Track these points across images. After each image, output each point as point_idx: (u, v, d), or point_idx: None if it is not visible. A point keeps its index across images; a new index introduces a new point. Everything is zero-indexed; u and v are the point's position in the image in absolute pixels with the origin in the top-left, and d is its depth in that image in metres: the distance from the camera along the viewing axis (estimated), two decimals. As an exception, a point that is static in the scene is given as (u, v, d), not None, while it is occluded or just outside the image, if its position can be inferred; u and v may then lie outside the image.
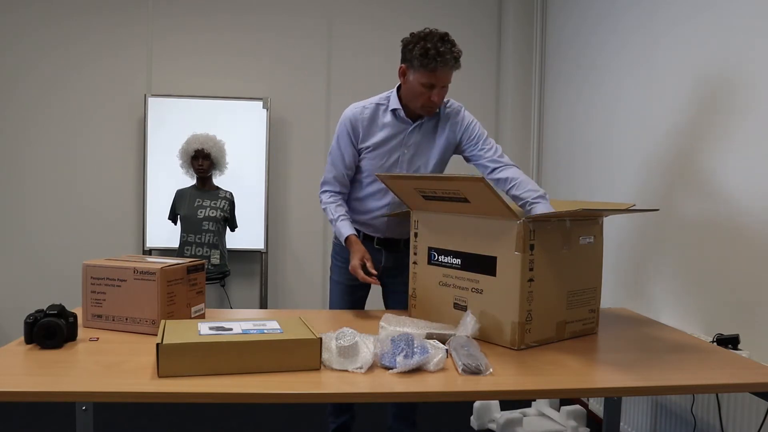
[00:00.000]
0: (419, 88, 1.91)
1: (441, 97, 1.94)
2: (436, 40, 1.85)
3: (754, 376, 1.34)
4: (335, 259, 2.24)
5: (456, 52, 1.88)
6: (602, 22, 3.13)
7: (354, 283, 2.19)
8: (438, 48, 1.84)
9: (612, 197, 2.96)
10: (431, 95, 1.91)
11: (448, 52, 1.85)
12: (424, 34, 1.88)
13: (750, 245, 2.04)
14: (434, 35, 1.87)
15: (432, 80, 1.89)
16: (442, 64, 1.85)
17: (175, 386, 1.18)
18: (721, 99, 2.21)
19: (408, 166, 2.07)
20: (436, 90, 1.91)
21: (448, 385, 1.24)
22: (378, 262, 2.17)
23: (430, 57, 1.84)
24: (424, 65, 1.86)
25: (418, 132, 2.06)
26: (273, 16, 3.92)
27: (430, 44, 1.84)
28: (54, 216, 3.83)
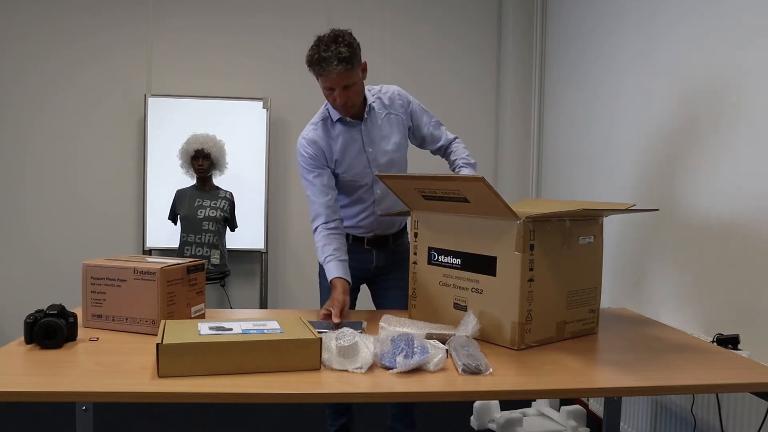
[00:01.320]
0: (325, 92, 1.93)
1: (346, 97, 1.91)
2: (321, 45, 1.83)
3: (754, 376, 1.34)
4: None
5: (341, 53, 1.82)
6: (602, 22, 3.13)
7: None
8: (321, 53, 1.82)
9: (612, 197, 2.96)
10: (334, 97, 1.92)
11: (332, 56, 1.81)
12: (317, 39, 1.87)
13: (750, 245, 2.04)
14: (322, 40, 1.85)
15: (327, 84, 1.89)
16: (325, 68, 1.83)
17: (175, 386, 1.18)
18: (721, 99, 2.20)
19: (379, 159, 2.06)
20: (336, 92, 1.90)
21: (448, 385, 1.24)
22: (369, 263, 2.19)
23: (314, 63, 1.84)
24: (315, 72, 1.87)
25: (369, 127, 2.05)
26: (273, 16, 3.92)
27: (313, 51, 1.84)
28: (54, 216, 3.83)
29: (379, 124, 2.07)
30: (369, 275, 2.22)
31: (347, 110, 1.98)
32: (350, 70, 1.86)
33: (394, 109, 2.10)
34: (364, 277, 2.23)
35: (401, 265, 2.19)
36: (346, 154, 2.05)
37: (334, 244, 1.99)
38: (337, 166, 2.05)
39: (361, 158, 2.05)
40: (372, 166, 2.06)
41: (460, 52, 4.04)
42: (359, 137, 2.05)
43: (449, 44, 4.02)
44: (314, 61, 1.84)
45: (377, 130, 2.07)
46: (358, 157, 2.05)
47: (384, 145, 2.07)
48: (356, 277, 2.20)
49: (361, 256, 2.17)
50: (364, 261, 2.18)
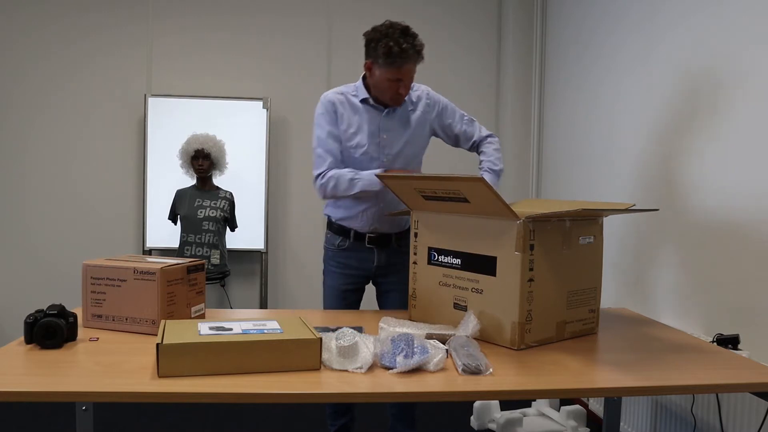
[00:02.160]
0: (386, 83, 1.99)
1: (407, 89, 2.02)
2: (398, 36, 1.90)
3: (754, 376, 1.34)
4: (328, 264, 2.24)
5: (418, 45, 1.94)
6: (602, 22, 3.13)
7: (348, 288, 2.20)
8: (401, 45, 1.89)
9: (612, 197, 2.96)
10: (398, 88, 1.99)
11: (410, 47, 1.91)
12: (386, 30, 1.93)
13: (750, 245, 2.04)
14: (395, 30, 1.92)
15: (398, 75, 1.96)
16: (405, 60, 1.91)
17: (175, 386, 1.18)
18: (720, 99, 2.20)
19: (390, 149, 2.10)
20: (403, 83, 1.98)
21: (448, 385, 1.24)
22: (371, 263, 2.18)
23: (394, 54, 1.90)
24: (389, 63, 1.93)
25: (392, 117, 2.10)
26: (273, 16, 3.92)
27: (392, 42, 1.90)
28: (54, 216, 3.83)
29: (400, 116, 2.12)
30: (370, 275, 2.21)
31: (402, 100, 2.05)
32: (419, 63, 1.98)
33: (419, 108, 2.15)
34: (365, 277, 2.22)
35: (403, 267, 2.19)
36: (360, 131, 2.08)
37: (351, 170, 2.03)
38: (350, 139, 2.08)
39: (374, 141, 2.08)
40: (383, 153, 2.09)
41: (460, 52, 4.04)
42: (378, 121, 2.09)
43: (449, 44, 4.02)
44: (395, 53, 1.90)
45: (397, 121, 2.11)
46: (371, 139, 2.08)
47: (399, 136, 2.10)
48: (358, 277, 2.21)
49: (362, 255, 2.17)
50: (365, 260, 2.18)
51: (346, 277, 2.19)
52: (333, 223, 2.22)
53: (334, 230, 2.21)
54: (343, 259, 2.19)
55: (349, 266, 2.19)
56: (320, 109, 2.12)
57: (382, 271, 2.19)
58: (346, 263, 2.19)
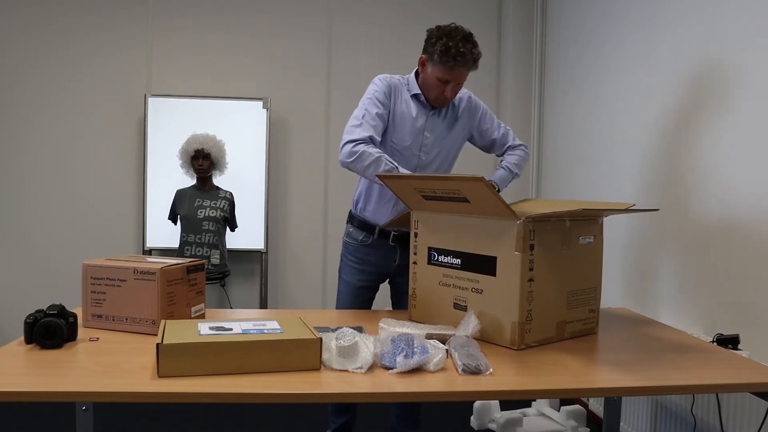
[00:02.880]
0: (435, 81, 1.97)
1: (455, 93, 2.00)
2: (459, 39, 1.89)
3: (754, 376, 1.34)
4: (346, 258, 2.22)
5: (476, 54, 1.93)
6: (602, 22, 3.13)
7: (363, 284, 2.19)
8: (459, 48, 1.88)
9: (612, 197, 2.96)
10: (445, 90, 1.97)
11: (469, 53, 1.90)
12: (449, 30, 1.92)
13: (750, 245, 2.04)
14: (458, 33, 1.91)
15: (448, 77, 1.94)
16: (461, 64, 1.90)
17: (175, 386, 1.18)
18: (720, 99, 2.20)
19: (429, 149, 2.09)
20: (450, 86, 1.97)
21: (448, 385, 1.24)
22: (392, 261, 2.17)
23: (451, 55, 1.88)
24: (443, 62, 1.91)
25: (438, 118, 2.10)
26: (273, 16, 3.92)
27: (452, 42, 1.88)
28: (54, 216, 3.83)
29: (445, 119, 2.12)
30: (389, 273, 2.20)
31: (447, 103, 2.05)
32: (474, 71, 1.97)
33: (462, 113, 2.15)
34: (384, 274, 2.21)
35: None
36: (404, 124, 2.06)
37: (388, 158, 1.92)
38: (392, 130, 2.06)
39: (417, 138, 2.07)
40: (423, 151, 2.08)
41: (460, 52, 4.03)
42: (425, 120, 2.08)
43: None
44: (451, 54, 1.88)
45: (441, 123, 2.11)
46: (414, 135, 2.07)
47: (441, 138, 2.10)
48: (376, 274, 2.19)
49: (385, 253, 2.15)
50: (388, 258, 2.16)
51: (364, 273, 2.18)
52: (355, 217, 2.20)
53: (356, 225, 2.19)
54: (364, 255, 2.17)
55: (368, 263, 2.17)
56: (377, 85, 2.05)
57: (402, 270, 2.15)
58: (366, 259, 2.17)
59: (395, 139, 2.06)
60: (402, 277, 2.17)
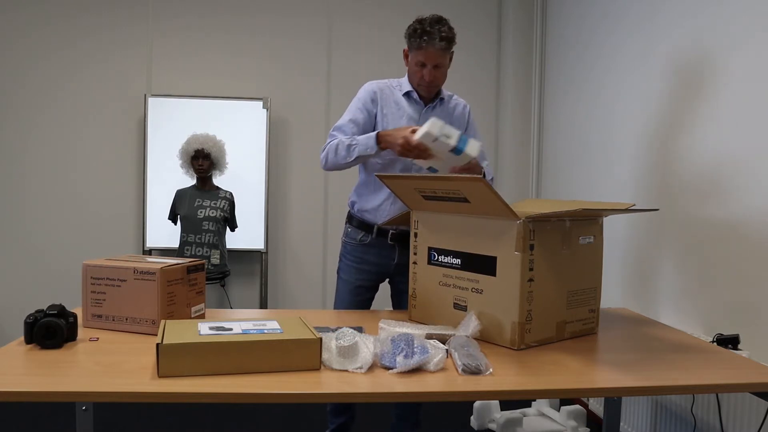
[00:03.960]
0: (413, 67, 2.03)
1: (433, 76, 2.02)
2: (428, 21, 1.96)
3: (754, 376, 1.34)
4: (345, 257, 2.22)
5: (445, 32, 1.96)
6: (602, 22, 3.13)
7: (362, 284, 2.18)
8: (426, 28, 1.94)
9: (612, 197, 2.96)
10: (423, 73, 2.01)
11: (437, 32, 1.94)
12: (421, 17, 1.99)
13: (750, 245, 2.04)
14: (429, 17, 1.98)
15: (421, 58, 1.99)
16: (427, 42, 1.95)
17: (175, 386, 1.18)
18: (720, 99, 2.21)
19: None
20: (427, 68, 2.00)
21: (448, 385, 1.24)
22: (391, 260, 2.16)
23: (418, 35, 1.96)
24: (413, 44, 1.98)
25: (433, 113, 2.10)
26: (273, 16, 3.92)
27: (419, 25, 1.96)
28: (54, 216, 3.83)
29: (442, 114, 2.12)
30: (389, 272, 2.19)
31: (430, 89, 2.08)
32: (446, 51, 2.00)
33: (457, 115, 2.19)
34: (383, 274, 2.20)
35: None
36: (397, 122, 2.08)
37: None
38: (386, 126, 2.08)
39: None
40: None
41: (460, 52, 4.01)
42: (417, 117, 2.11)
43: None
44: (417, 34, 1.95)
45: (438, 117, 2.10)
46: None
47: None
48: (375, 273, 2.19)
49: (383, 252, 2.15)
50: (386, 257, 2.16)
51: (363, 272, 2.18)
52: (354, 217, 2.20)
53: (355, 225, 2.19)
54: (363, 255, 2.17)
55: (367, 262, 2.17)
56: (362, 93, 2.13)
57: (401, 269, 2.14)
58: (365, 259, 2.17)
59: None
60: (401, 276, 2.16)
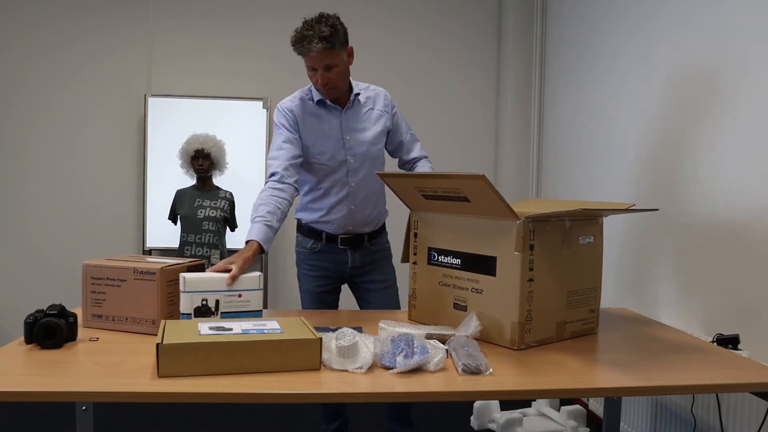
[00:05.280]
0: (308, 73, 1.97)
1: (327, 78, 1.94)
2: (307, 24, 1.89)
3: (754, 376, 1.34)
4: (301, 267, 2.21)
5: (323, 32, 1.86)
6: (602, 22, 3.13)
7: (322, 290, 2.18)
8: (303, 32, 1.88)
9: (612, 197, 2.96)
10: (316, 78, 1.95)
11: (313, 35, 1.86)
12: (304, 20, 1.92)
13: (750, 245, 2.04)
14: (306, 21, 1.91)
15: (309, 63, 1.94)
16: (306, 47, 1.88)
17: (175, 386, 1.18)
18: (721, 99, 2.20)
19: (355, 150, 2.06)
20: (318, 72, 1.93)
21: (448, 385, 1.24)
22: (344, 264, 2.15)
23: (297, 42, 1.90)
24: (297, 51, 1.92)
25: (351, 116, 2.07)
26: (273, 16, 3.92)
27: (297, 32, 1.90)
28: (54, 216, 3.83)
29: (360, 115, 2.09)
30: (345, 276, 2.18)
31: (329, 92, 2.00)
32: (331, 50, 1.89)
33: (378, 106, 2.13)
34: (340, 278, 2.19)
35: (380, 264, 2.18)
36: (321, 136, 2.04)
37: (269, 206, 1.85)
38: (313, 146, 2.04)
39: (339, 144, 2.05)
40: (348, 154, 2.05)
41: (460, 52, 4.04)
42: (338, 123, 2.06)
43: (449, 44, 4.02)
44: (296, 40, 1.89)
45: (357, 120, 2.08)
46: (335, 142, 2.05)
47: (363, 136, 2.08)
48: (332, 278, 2.18)
49: (336, 257, 2.14)
50: (339, 262, 2.15)
51: (320, 279, 2.17)
52: (303, 226, 2.18)
53: (304, 233, 2.17)
54: (316, 262, 2.16)
55: (322, 268, 2.16)
56: (276, 118, 2.06)
57: (357, 271, 2.16)
58: (319, 265, 2.16)
59: (319, 153, 2.04)
60: (360, 278, 2.17)
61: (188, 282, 1.50)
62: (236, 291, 1.56)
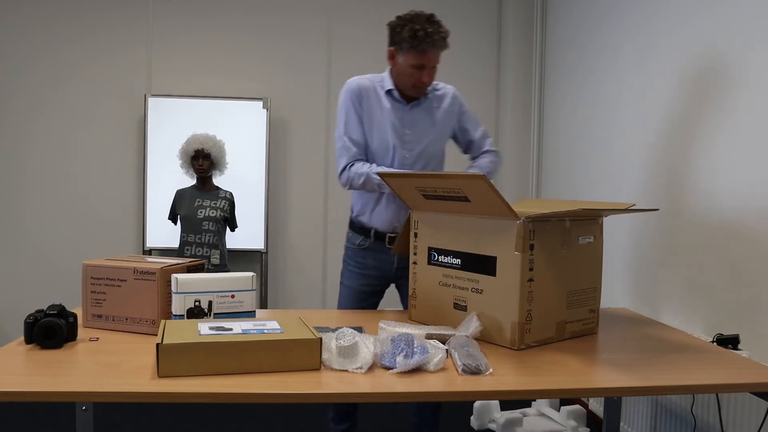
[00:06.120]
0: (409, 70, 1.96)
1: (431, 77, 1.98)
2: (424, 21, 1.89)
3: (754, 376, 1.34)
4: (347, 263, 2.21)
5: (443, 32, 1.92)
6: (602, 22, 3.13)
7: (366, 289, 2.17)
8: (426, 29, 1.88)
9: (612, 197, 2.96)
10: (421, 76, 1.96)
11: (436, 32, 1.89)
12: (411, 16, 1.93)
13: (750, 245, 2.04)
14: (421, 17, 1.91)
15: (422, 61, 1.93)
16: (430, 45, 1.90)
17: (175, 386, 1.18)
18: (721, 99, 2.21)
19: (413, 146, 2.06)
20: (426, 70, 1.95)
21: (448, 385, 1.24)
22: (390, 263, 2.15)
23: (419, 38, 1.88)
24: (414, 47, 1.90)
25: (416, 112, 2.07)
26: (273, 16, 3.92)
27: (418, 26, 1.88)
28: (54, 216, 3.83)
29: (425, 112, 2.08)
30: (390, 276, 2.17)
31: (425, 89, 2.01)
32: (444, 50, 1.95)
33: (444, 105, 2.12)
34: (385, 279, 2.19)
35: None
36: (382, 126, 2.03)
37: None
38: (371, 132, 2.04)
39: (397, 137, 2.04)
40: (405, 149, 2.05)
41: (460, 52, 4.04)
42: (401, 116, 2.05)
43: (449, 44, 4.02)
44: (419, 37, 1.87)
45: (421, 117, 2.07)
46: (394, 134, 2.04)
47: (423, 133, 2.07)
48: (377, 278, 2.17)
49: (382, 255, 2.13)
50: (385, 261, 2.14)
51: (365, 277, 2.16)
52: (354, 222, 2.19)
53: (355, 229, 2.18)
54: (363, 259, 2.16)
55: (368, 266, 2.15)
56: (345, 96, 2.05)
57: (403, 272, 2.12)
58: (365, 263, 2.16)
59: (376, 140, 2.05)
60: (405, 279, 2.16)
61: (180, 283, 1.50)
62: (229, 291, 1.56)
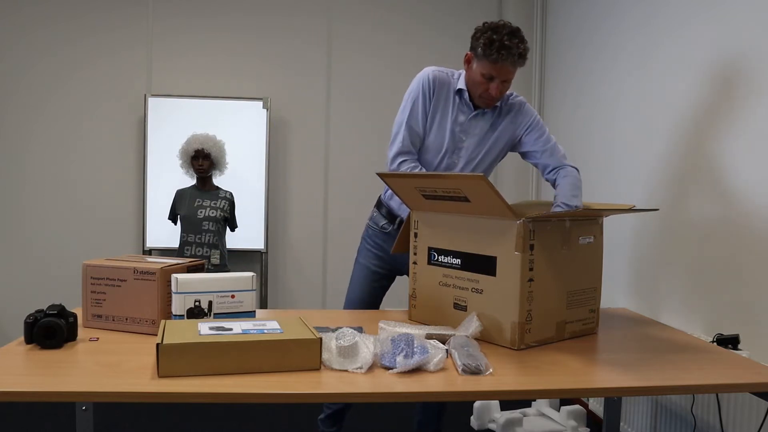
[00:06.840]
0: (479, 78, 1.89)
1: (500, 91, 1.90)
2: (505, 33, 1.82)
3: (754, 376, 1.34)
4: (365, 241, 2.21)
5: (522, 49, 1.84)
6: (602, 22, 3.13)
7: (378, 270, 2.17)
8: (504, 41, 1.81)
9: (612, 197, 2.96)
10: (489, 87, 1.89)
11: (515, 47, 1.82)
12: (494, 25, 1.85)
13: (750, 245, 2.04)
14: (505, 27, 1.84)
15: (492, 72, 1.86)
16: (504, 57, 1.82)
17: (175, 386, 1.18)
18: (721, 99, 2.21)
19: (463, 152, 2.02)
20: (495, 83, 1.88)
21: (448, 385, 1.24)
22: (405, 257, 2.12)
23: (494, 48, 1.81)
24: (487, 55, 1.83)
25: (479, 121, 2.01)
26: (273, 16, 3.92)
27: (497, 36, 1.82)
28: (54, 216, 3.83)
29: (488, 121, 2.02)
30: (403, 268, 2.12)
31: (492, 102, 1.95)
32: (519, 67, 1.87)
33: (509, 117, 2.04)
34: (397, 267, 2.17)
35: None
36: (443, 125, 1.99)
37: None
38: (430, 127, 1.99)
39: (452, 140, 2.00)
40: (458, 154, 2.02)
41: (461, 52, 4.02)
42: (464, 120, 2.00)
43: (449, 44, 4.02)
44: (495, 47, 1.81)
45: (483, 125, 2.01)
46: (450, 136, 2.00)
47: (479, 144, 2.02)
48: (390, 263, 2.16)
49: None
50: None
51: (380, 259, 2.18)
52: (382, 203, 2.18)
53: (382, 211, 2.17)
54: (382, 242, 2.17)
55: (384, 249, 2.17)
56: (418, 83, 1.98)
57: None
58: (383, 246, 2.17)
59: (432, 136, 2.00)
60: None
61: (180, 283, 1.50)
62: (229, 292, 1.56)
